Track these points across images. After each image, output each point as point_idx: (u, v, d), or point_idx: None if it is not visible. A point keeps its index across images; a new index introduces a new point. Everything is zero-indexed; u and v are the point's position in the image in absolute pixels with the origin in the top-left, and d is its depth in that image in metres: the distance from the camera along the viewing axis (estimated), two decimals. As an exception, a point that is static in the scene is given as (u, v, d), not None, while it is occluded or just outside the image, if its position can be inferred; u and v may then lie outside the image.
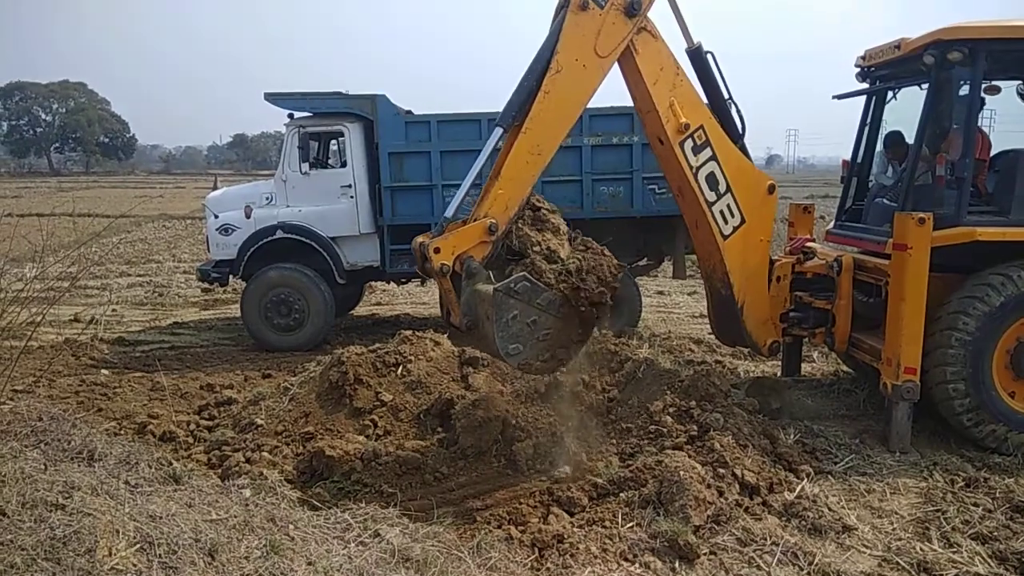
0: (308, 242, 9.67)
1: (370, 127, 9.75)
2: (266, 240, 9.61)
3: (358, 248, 9.94)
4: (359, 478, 5.13)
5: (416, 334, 6.78)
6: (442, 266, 4.99)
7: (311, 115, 9.86)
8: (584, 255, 5.15)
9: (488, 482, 5.15)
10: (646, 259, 10.65)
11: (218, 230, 9.74)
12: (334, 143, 10.38)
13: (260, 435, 5.86)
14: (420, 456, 5.30)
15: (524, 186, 5.24)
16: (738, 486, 4.95)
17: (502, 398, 5.88)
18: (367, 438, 5.65)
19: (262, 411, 6.24)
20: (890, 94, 7.03)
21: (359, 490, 5.03)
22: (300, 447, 5.63)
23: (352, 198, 9.75)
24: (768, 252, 6.58)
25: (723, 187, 6.14)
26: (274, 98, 9.69)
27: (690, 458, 5.04)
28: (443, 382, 6.28)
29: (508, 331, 4.83)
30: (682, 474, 4.68)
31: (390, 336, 7.05)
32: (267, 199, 9.80)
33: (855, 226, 7.03)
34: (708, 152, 6.04)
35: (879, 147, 7.24)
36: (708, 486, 4.76)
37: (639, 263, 10.62)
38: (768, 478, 5.12)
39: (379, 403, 5.97)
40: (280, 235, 9.62)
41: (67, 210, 23.61)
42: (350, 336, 10.19)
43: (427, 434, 5.73)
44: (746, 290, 6.43)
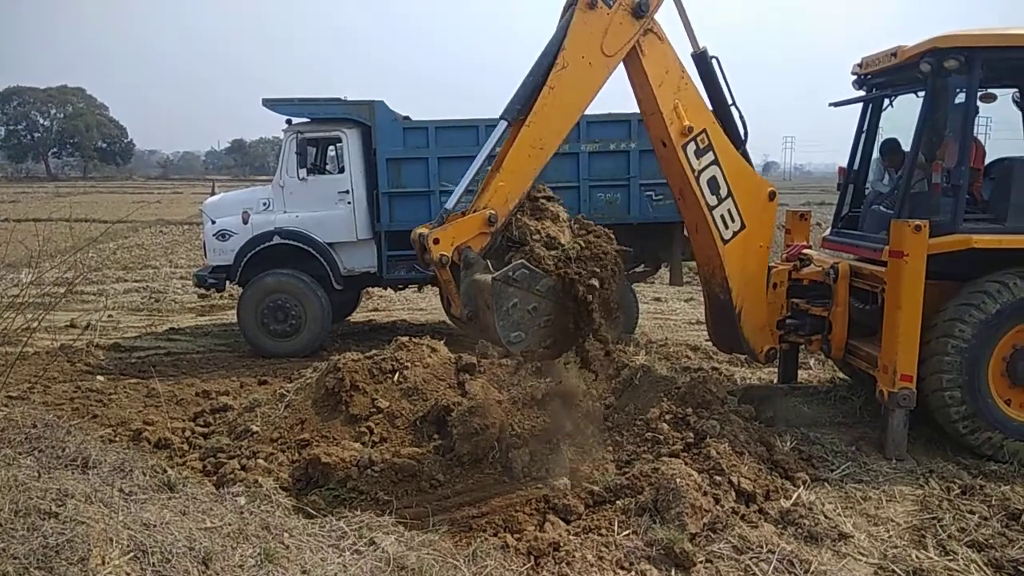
0: (305, 248, 9.68)
1: (368, 133, 9.76)
2: (263, 246, 9.62)
3: (355, 254, 9.94)
4: (355, 485, 5.11)
5: (413, 340, 6.78)
6: (441, 256, 4.95)
7: (309, 121, 9.87)
8: (586, 238, 5.11)
9: (484, 489, 5.13)
10: (643, 266, 10.66)
11: (215, 236, 9.74)
12: (332, 149, 10.40)
13: (255, 442, 5.85)
14: (416, 463, 5.29)
15: (525, 179, 5.23)
16: (734, 493, 4.94)
17: (499, 405, 5.86)
18: (363, 445, 5.63)
19: (258, 418, 6.23)
20: (886, 102, 7.05)
21: (355, 498, 5.01)
22: (296, 454, 5.62)
23: (350, 204, 9.76)
24: (767, 258, 6.58)
25: (724, 191, 6.14)
26: (272, 104, 9.70)
27: (686, 465, 5.03)
28: (440, 389, 6.28)
29: (509, 319, 4.79)
30: (678, 481, 4.68)
31: (387, 342, 7.04)
32: (264, 205, 9.80)
33: (852, 233, 7.04)
34: (710, 156, 6.05)
35: (875, 154, 7.26)
36: (704, 493, 4.74)
37: (636, 270, 10.63)
38: (764, 485, 5.11)
39: (375, 410, 5.96)
40: (277, 241, 9.63)
41: (64, 215, 23.61)
42: (347, 342, 10.19)
43: (423, 441, 5.72)
44: (744, 295, 6.44)
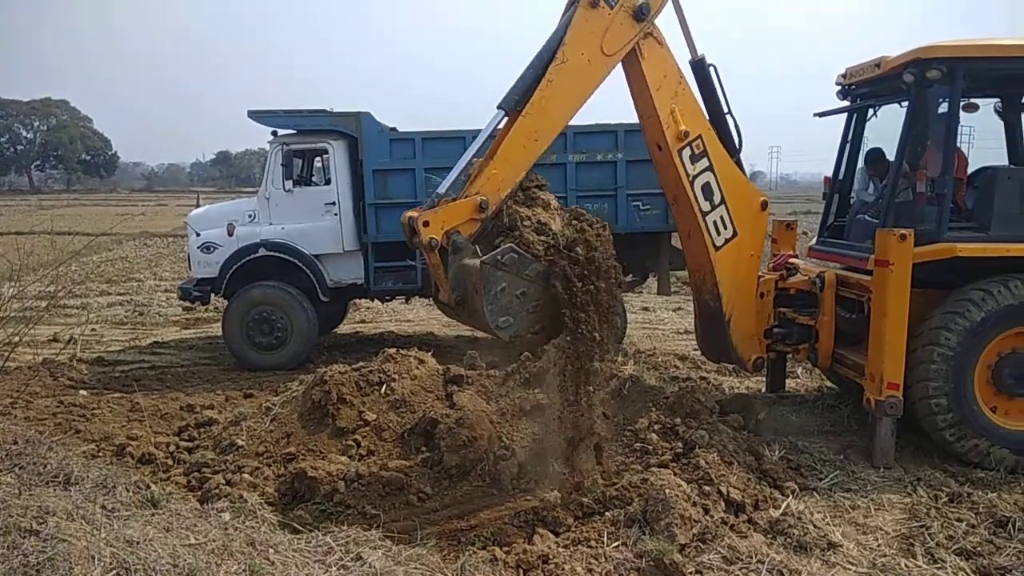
0: (291, 260, 9.62)
1: (354, 144, 9.73)
2: (249, 258, 9.55)
3: (342, 266, 9.89)
4: (341, 499, 5.05)
5: (400, 352, 6.73)
6: (430, 240, 4.92)
7: (295, 132, 9.84)
8: (577, 224, 5.09)
9: (472, 502, 5.09)
10: (631, 275, 10.64)
11: (200, 248, 9.67)
12: (318, 160, 10.35)
13: (241, 456, 5.78)
14: (404, 476, 5.24)
15: (518, 169, 5.23)
16: (723, 504, 4.93)
17: (487, 417, 5.82)
18: (350, 458, 5.57)
19: (243, 432, 6.16)
20: (871, 112, 7.11)
21: (341, 512, 4.95)
22: (282, 468, 5.55)
23: (336, 215, 9.72)
24: (758, 267, 6.63)
25: (718, 198, 6.18)
26: (258, 115, 9.66)
27: (675, 476, 5.02)
28: (427, 401, 6.23)
29: (497, 304, 4.77)
30: (667, 492, 4.66)
31: (374, 354, 7.00)
32: (250, 217, 9.74)
33: (837, 242, 7.08)
34: (705, 162, 6.10)
35: (860, 164, 7.32)
36: (694, 504, 4.73)
37: (625, 280, 10.62)
38: (753, 495, 5.11)
39: (362, 423, 5.90)
40: (263, 253, 9.57)
41: (47, 228, 23.38)
42: (333, 354, 10.12)
43: (411, 454, 5.67)
44: (734, 303, 6.46)
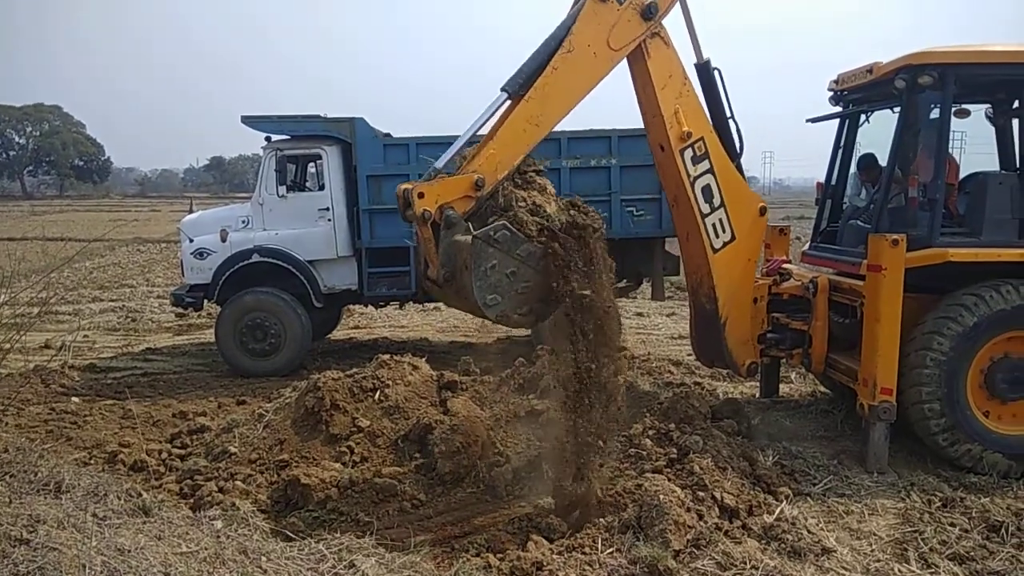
0: (285, 266, 9.60)
1: (348, 150, 9.73)
2: (242, 264, 9.53)
3: (336, 271, 9.88)
4: (335, 507, 5.03)
5: (394, 358, 6.71)
6: (424, 212, 4.85)
7: (289, 138, 9.83)
8: (571, 212, 5.04)
9: (466, 508, 5.08)
10: (625, 281, 10.67)
11: (193, 254, 9.64)
12: (312, 166, 10.36)
13: (233, 463, 5.75)
14: (397, 483, 5.22)
15: (517, 152, 5.20)
16: (718, 509, 4.92)
17: (481, 423, 5.82)
18: (343, 465, 5.56)
19: (236, 439, 6.13)
20: (863, 117, 7.14)
21: (334, 519, 4.93)
22: (275, 475, 5.53)
23: (330, 221, 9.71)
24: (754, 272, 6.65)
25: (717, 201, 6.20)
26: (251, 121, 9.65)
27: (670, 481, 5.02)
28: (421, 407, 6.22)
29: (486, 281, 4.70)
30: (662, 498, 4.65)
31: (368, 360, 6.98)
32: (243, 222, 9.73)
33: (830, 247, 7.10)
34: (706, 164, 6.12)
35: (853, 169, 7.34)
36: (688, 510, 4.72)
37: (618, 285, 10.64)
38: (747, 501, 5.10)
39: (356, 429, 5.89)
40: (256, 259, 9.54)
41: (39, 234, 23.31)
42: (327, 361, 10.08)
43: (405, 460, 5.65)
44: (730, 307, 6.47)
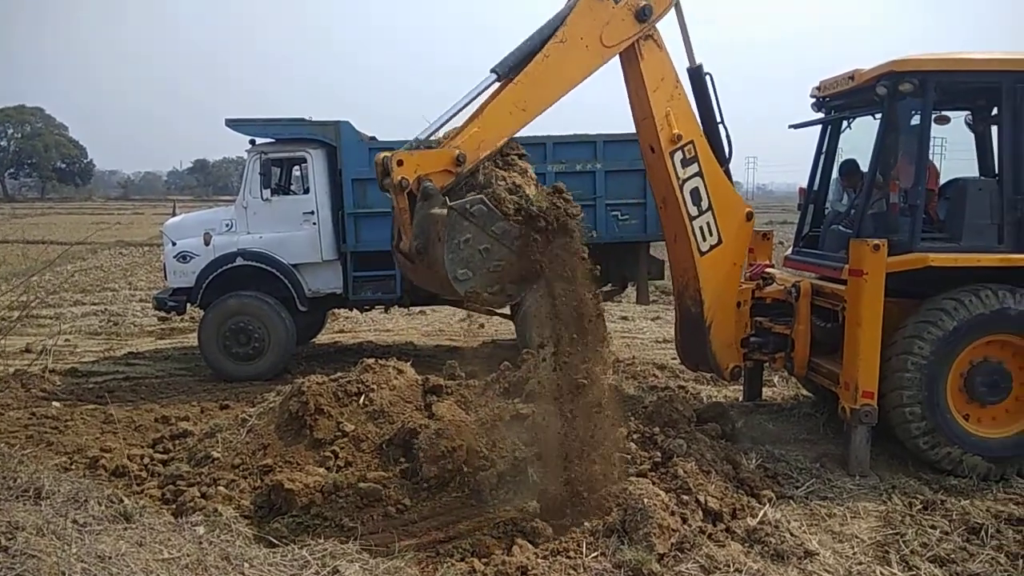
0: (269, 269, 9.54)
1: (333, 153, 9.70)
2: (226, 267, 9.46)
3: (321, 275, 9.84)
4: (319, 512, 5.01)
5: (379, 362, 6.70)
6: (402, 180, 4.80)
7: (273, 141, 9.79)
8: (551, 198, 5.02)
9: (451, 513, 5.07)
10: (610, 285, 10.71)
11: (176, 257, 9.57)
12: (297, 169, 10.31)
13: (216, 469, 5.71)
14: (382, 488, 5.20)
15: (500, 134, 5.19)
16: (701, 513, 4.95)
17: (466, 427, 5.81)
18: (328, 470, 5.53)
19: (219, 444, 6.09)
20: (845, 123, 7.21)
21: (318, 524, 4.90)
22: (258, 480, 5.50)
23: (315, 224, 9.66)
24: (740, 277, 6.71)
25: (705, 204, 6.28)
26: (235, 124, 9.60)
27: (654, 485, 5.04)
28: (406, 411, 6.20)
29: (459, 254, 4.65)
30: (646, 502, 4.67)
31: (353, 364, 6.96)
32: (227, 226, 9.66)
33: (812, 252, 7.16)
34: (695, 167, 6.20)
35: (835, 175, 7.41)
36: (672, 513, 4.74)
37: (603, 289, 10.67)
38: (731, 504, 5.14)
39: (340, 434, 5.86)
40: (240, 262, 9.48)
41: (20, 237, 23.05)
42: (311, 365, 10.02)
43: (390, 465, 5.63)
44: (715, 310, 6.51)
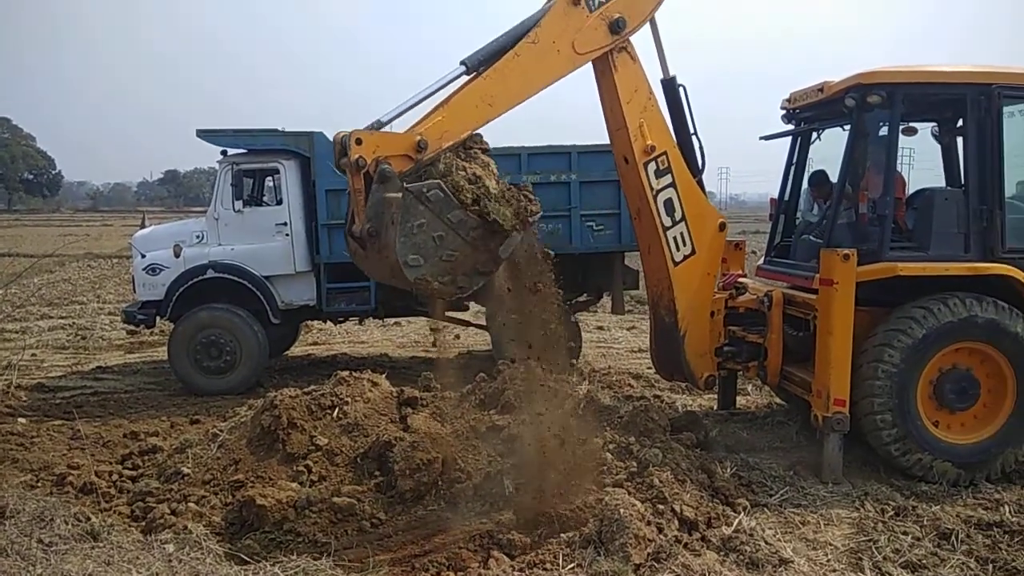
0: (241, 281, 9.43)
1: (307, 164, 9.64)
2: (196, 280, 9.33)
3: (293, 287, 9.75)
4: (291, 528, 4.93)
5: (353, 375, 6.63)
6: (359, 159, 4.68)
7: (246, 152, 9.70)
8: (509, 191, 4.99)
9: (427, 526, 5.02)
10: (585, 295, 10.75)
11: (145, 270, 9.43)
12: (269, 180, 10.21)
13: (186, 485, 5.61)
14: (356, 502, 5.14)
15: (464, 126, 5.14)
16: (677, 522, 4.96)
17: (442, 439, 5.76)
18: (301, 485, 5.44)
19: (189, 459, 5.99)
20: (814, 135, 7.31)
21: (291, 540, 4.83)
22: (229, 496, 5.40)
23: (287, 236, 9.59)
24: (713, 287, 6.76)
25: (679, 215, 6.34)
26: (207, 135, 9.51)
27: (630, 495, 5.04)
28: (381, 424, 6.14)
29: (411, 239, 4.57)
30: (622, 512, 4.66)
31: (326, 377, 6.88)
32: (198, 237, 9.55)
33: (784, 262, 7.24)
34: (668, 178, 6.26)
35: (805, 186, 7.50)
36: (648, 523, 4.74)
37: (579, 299, 10.71)
38: (706, 513, 5.15)
39: (314, 447, 5.78)
40: (211, 274, 9.36)
41: (-15, 250, 22.59)
42: (284, 378, 9.91)
43: (364, 479, 5.56)
44: (689, 320, 6.55)
